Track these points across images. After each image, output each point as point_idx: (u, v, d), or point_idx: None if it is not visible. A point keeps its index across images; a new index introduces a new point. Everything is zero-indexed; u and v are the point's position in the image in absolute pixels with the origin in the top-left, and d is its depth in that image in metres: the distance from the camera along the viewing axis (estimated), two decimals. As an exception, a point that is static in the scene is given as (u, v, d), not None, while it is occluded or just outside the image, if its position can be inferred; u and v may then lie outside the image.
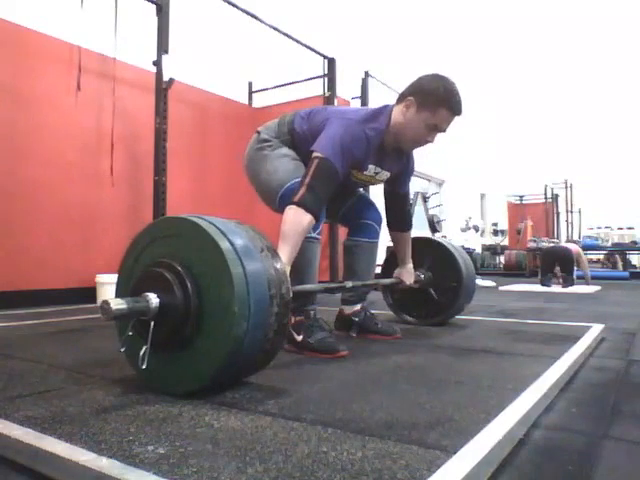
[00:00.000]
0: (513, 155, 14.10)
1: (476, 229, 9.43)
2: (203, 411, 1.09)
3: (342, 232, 2.66)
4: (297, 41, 4.88)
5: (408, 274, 2.27)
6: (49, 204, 3.62)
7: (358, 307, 2.15)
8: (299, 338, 1.77)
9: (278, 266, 1.24)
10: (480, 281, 6.72)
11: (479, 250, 11.01)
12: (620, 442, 1.03)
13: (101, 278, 3.65)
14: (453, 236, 8.55)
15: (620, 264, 10.28)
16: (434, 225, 7.41)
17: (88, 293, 3.62)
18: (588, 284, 6.26)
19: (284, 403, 1.17)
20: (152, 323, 1.17)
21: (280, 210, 1.82)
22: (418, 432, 0.97)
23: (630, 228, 11.76)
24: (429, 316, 2.46)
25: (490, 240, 11.73)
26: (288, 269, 1.59)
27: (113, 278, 3.99)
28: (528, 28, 13.07)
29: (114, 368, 1.51)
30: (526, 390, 1.24)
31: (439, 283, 2.40)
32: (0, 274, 3.31)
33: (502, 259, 10.97)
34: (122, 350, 1.24)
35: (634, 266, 10.93)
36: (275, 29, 4.63)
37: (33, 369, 1.52)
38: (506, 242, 12.07)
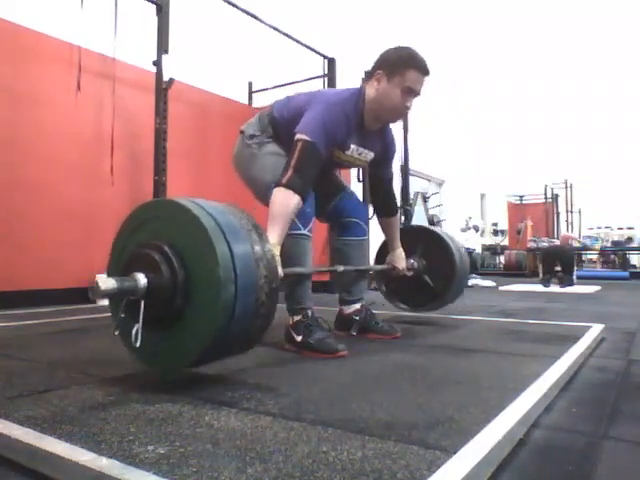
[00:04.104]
0: (513, 155, 14.11)
1: (476, 229, 9.42)
2: (203, 411, 1.09)
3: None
4: (297, 41, 4.88)
5: (399, 259, 2.28)
6: (49, 204, 3.61)
7: (358, 306, 2.14)
8: (299, 338, 1.77)
9: (263, 236, 1.26)
10: (480, 281, 6.72)
11: (479, 250, 11.00)
12: (620, 442, 1.03)
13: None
14: (453, 236, 8.55)
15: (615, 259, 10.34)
16: (434, 225, 7.41)
17: (88, 293, 3.61)
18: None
19: (284, 403, 1.17)
20: (142, 302, 1.19)
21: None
22: (418, 432, 0.97)
23: (630, 228, 11.76)
24: (423, 303, 2.46)
25: (490, 240, 11.71)
26: (278, 249, 1.62)
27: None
28: (529, 28, 13.06)
29: (114, 368, 1.51)
30: (526, 390, 1.24)
31: (433, 270, 2.40)
32: (0, 274, 3.31)
33: (502, 259, 10.97)
34: (116, 333, 1.25)
35: (634, 266, 10.92)
36: (275, 29, 4.63)
37: (33, 369, 1.52)
38: (506, 242, 12.06)
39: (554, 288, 5.85)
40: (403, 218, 5.96)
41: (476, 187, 12.88)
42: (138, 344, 1.17)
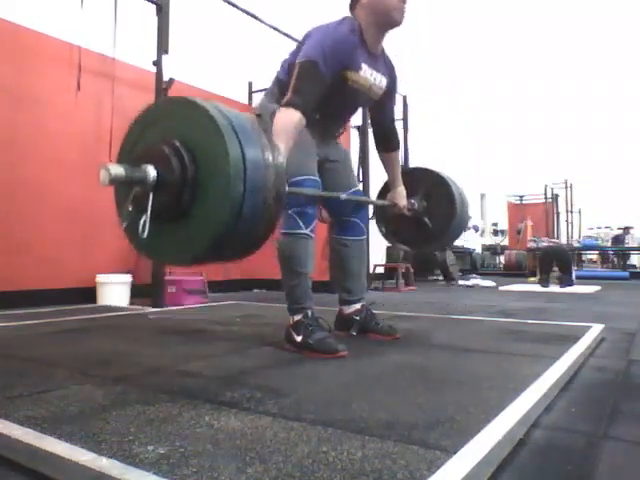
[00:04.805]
0: (513, 155, 14.11)
1: (476, 229, 9.42)
2: (203, 411, 1.09)
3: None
4: (297, 41, 4.87)
5: (400, 197, 2.27)
6: (49, 204, 3.62)
7: (358, 306, 2.14)
8: (299, 339, 1.77)
9: (272, 142, 1.26)
10: (480, 281, 6.72)
11: (479, 250, 11.01)
12: (620, 442, 1.03)
13: (101, 278, 3.66)
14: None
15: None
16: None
17: (88, 293, 3.62)
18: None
19: (284, 403, 1.17)
20: (151, 194, 1.19)
21: None
22: (418, 432, 0.97)
23: (630, 228, 11.76)
24: (423, 244, 2.47)
25: (490, 240, 11.73)
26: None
27: (113, 278, 3.96)
28: (528, 28, 13.07)
29: (114, 368, 1.51)
30: (526, 390, 1.24)
31: (433, 212, 2.39)
32: (0, 274, 3.31)
33: (502, 259, 10.97)
34: (124, 225, 1.26)
35: (634, 266, 10.92)
36: (275, 29, 4.63)
37: (33, 369, 1.52)
38: (506, 242, 12.08)
39: (554, 288, 5.85)
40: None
41: (476, 187, 12.88)
42: (145, 235, 1.18)
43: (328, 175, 2.02)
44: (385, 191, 2.39)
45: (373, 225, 2.40)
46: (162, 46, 3.59)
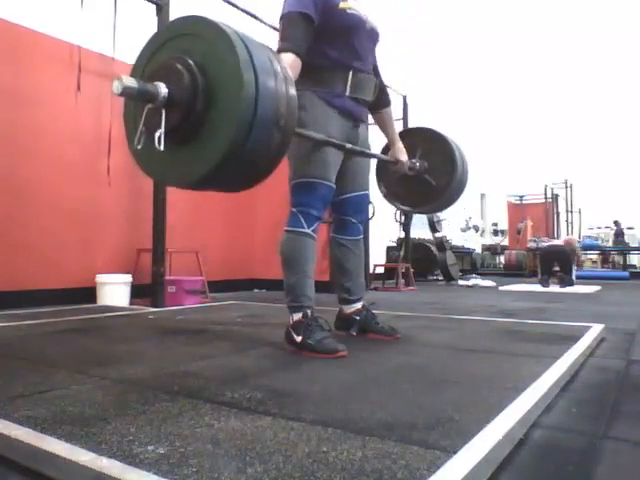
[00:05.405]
0: (513, 155, 14.11)
1: (476, 229, 9.42)
2: (203, 411, 1.09)
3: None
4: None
5: (401, 153, 2.26)
6: (49, 204, 3.62)
7: (359, 306, 2.14)
8: (298, 339, 1.77)
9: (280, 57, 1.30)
10: (480, 281, 6.73)
11: (479, 250, 11.01)
12: (620, 442, 1.03)
13: (101, 278, 3.66)
14: (453, 236, 8.54)
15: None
16: (434, 225, 7.41)
17: (88, 293, 3.62)
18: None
19: (284, 403, 1.17)
20: (164, 111, 1.21)
21: (291, 192, 1.93)
22: (418, 432, 0.97)
23: (630, 228, 11.77)
24: (424, 203, 2.48)
25: (490, 240, 11.74)
26: None
27: (113, 278, 3.96)
28: (529, 28, 13.07)
29: (114, 368, 1.51)
30: (526, 390, 1.24)
31: (434, 170, 2.38)
32: (0, 274, 3.31)
33: (502, 259, 10.98)
34: (138, 148, 1.29)
35: (634, 266, 10.93)
36: (275, 29, 4.63)
37: (33, 369, 1.52)
38: (506, 242, 12.08)
39: (554, 288, 5.85)
40: (403, 217, 5.96)
41: (476, 187, 12.88)
42: (162, 147, 1.20)
43: (344, 170, 2.01)
44: (385, 152, 2.39)
45: (373, 225, 2.40)
46: (162, 46, 3.59)
